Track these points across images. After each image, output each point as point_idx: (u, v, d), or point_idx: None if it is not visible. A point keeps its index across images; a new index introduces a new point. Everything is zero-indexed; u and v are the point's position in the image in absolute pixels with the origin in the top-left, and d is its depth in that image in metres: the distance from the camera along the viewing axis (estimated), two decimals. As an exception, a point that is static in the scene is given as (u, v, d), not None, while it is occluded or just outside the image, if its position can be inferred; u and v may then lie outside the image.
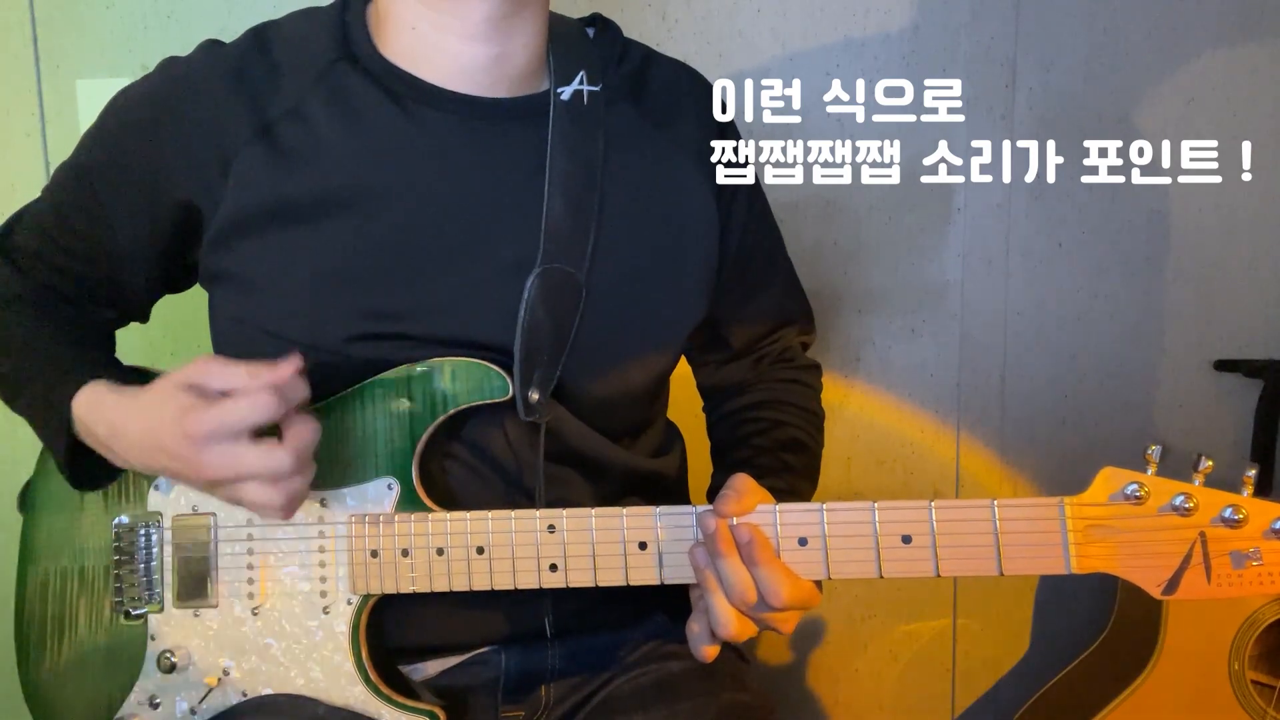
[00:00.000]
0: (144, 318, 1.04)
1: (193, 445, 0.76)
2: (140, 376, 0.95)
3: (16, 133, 1.59)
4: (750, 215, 1.07)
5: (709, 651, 0.84)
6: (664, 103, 1.01)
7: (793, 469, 1.03)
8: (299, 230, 0.89)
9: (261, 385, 0.76)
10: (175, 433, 0.77)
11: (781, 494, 0.84)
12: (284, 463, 0.77)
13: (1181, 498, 0.76)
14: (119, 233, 0.93)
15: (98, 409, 0.86)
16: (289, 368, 0.77)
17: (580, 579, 0.86)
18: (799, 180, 1.69)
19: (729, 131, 1.06)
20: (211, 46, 0.93)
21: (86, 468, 0.90)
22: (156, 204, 0.91)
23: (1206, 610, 1.51)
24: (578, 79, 0.96)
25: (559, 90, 0.95)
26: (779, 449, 1.04)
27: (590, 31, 1.01)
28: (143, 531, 0.92)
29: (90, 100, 1.55)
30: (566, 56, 0.96)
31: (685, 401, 1.18)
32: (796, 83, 1.68)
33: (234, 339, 0.95)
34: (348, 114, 0.90)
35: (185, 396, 0.77)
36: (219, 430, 0.76)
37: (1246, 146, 1.71)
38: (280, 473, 0.77)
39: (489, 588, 0.87)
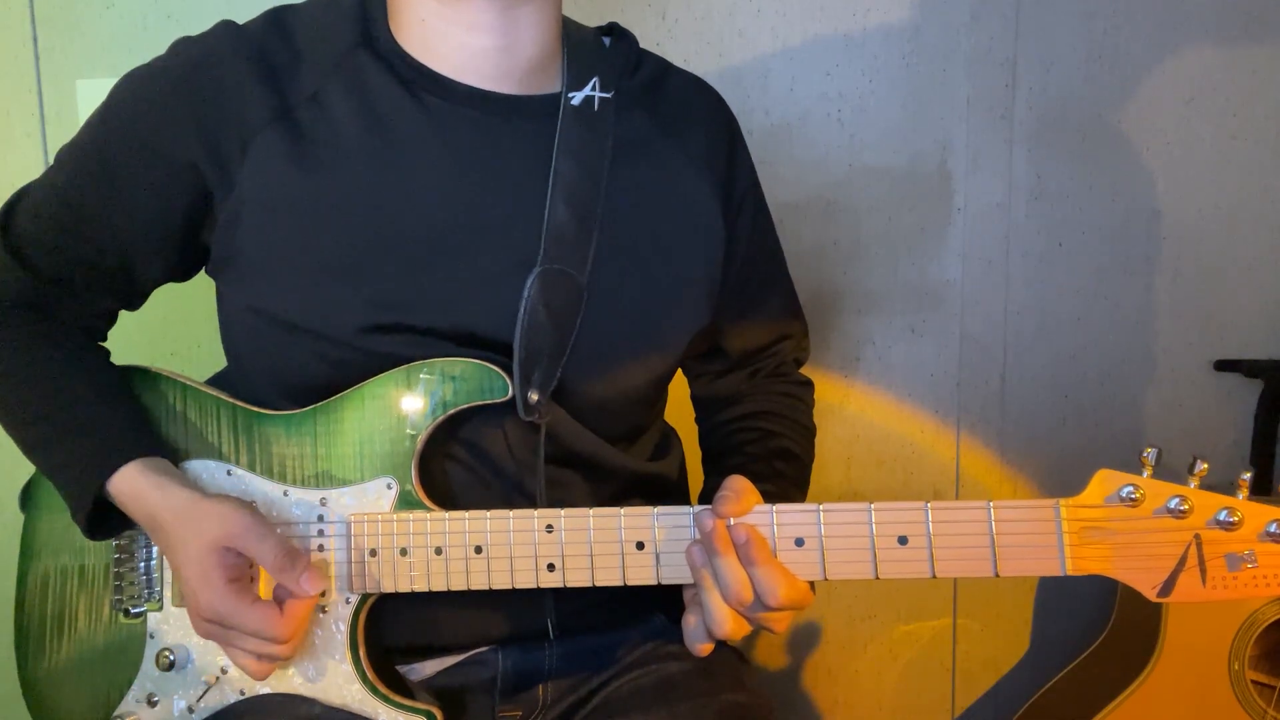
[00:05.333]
0: (136, 306, 1.02)
1: (196, 610, 0.84)
2: (138, 377, 0.97)
3: (16, 133, 1.59)
4: (755, 229, 1.08)
5: (704, 648, 0.85)
6: (676, 113, 1.02)
7: (785, 476, 1.04)
8: (314, 216, 0.89)
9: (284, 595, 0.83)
10: (191, 584, 0.84)
11: (773, 499, 0.84)
12: (275, 655, 0.84)
13: (1177, 500, 0.77)
14: (133, 211, 0.91)
15: (140, 500, 0.88)
16: (315, 585, 0.83)
17: (578, 579, 0.86)
18: (799, 180, 1.70)
19: (739, 146, 1.06)
20: (229, 26, 0.92)
21: (104, 524, 0.91)
22: (171, 178, 0.90)
23: (1206, 611, 1.51)
24: (590, 85, 0.96)
25: (570, 95, 0.95)
26: (772, 457, 1.05)
27: (606, 41, 1.02)
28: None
29: (90, 100, 1.55)
30: (581, 62, 0.97)
31: (683, 403, 1.18)
32: (796, 83, 1.69)
33: (244, 331, 0.95)
34: (365, 103, 0.90)
35: (214, 562, 0.83)
36: (222, 621, 0.83)
37: (1246, 146, 1.72)
38: (270, 658, 0.85)
39: (487, 587, 0.87)
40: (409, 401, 0.89)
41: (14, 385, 0.93)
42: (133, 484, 0.87)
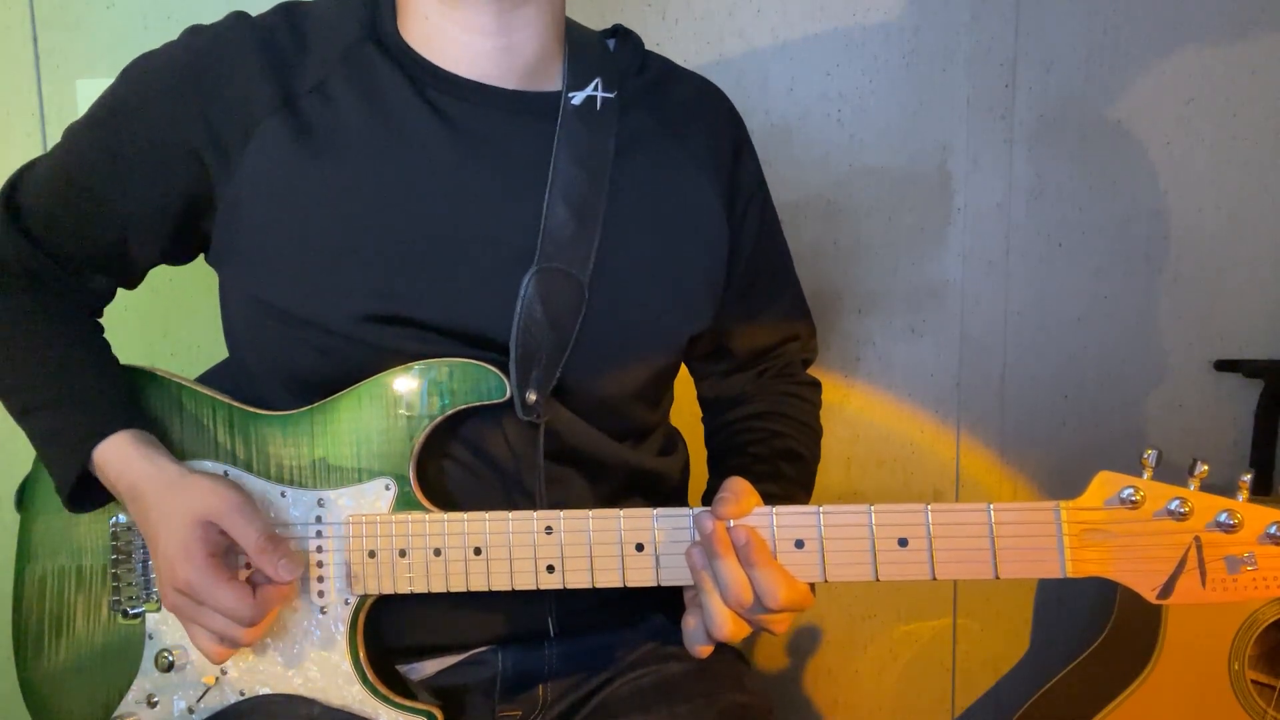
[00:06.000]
0: (134, 284, 1.03)
1: (170, 580, 0.84)
2: (137, 377, 0.97)
3: (16, 133, 1.59)
4: (761, 230, 1.08)
5: (704, 650, 0.85)
6: (681, 114, 1.02)
7: (788, 477, 1.03)
8: (314, 205, 0.89)
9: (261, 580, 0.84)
10: (168, 555, 0.84)
11: (776, 500, 0.84)
12: (238, 639, 0.84)
13: (1177, 502, 0.76)
14: (133, 192, 0.92)
15: (126, 468, 0.88)
16: (290, 572, 0.83)
17: (577, 580, 0.86)
18: (799, 180, 1.70)
19: (744, 146, 1.06)
20: (240, 17, 0.93)
21: (88, 494, 0.92)
22: (172, 164, 0.90)
23: (1206, 611, 1.51)
24: (592, 85, 0.96)
25: (570, 95, 0.95)
26: (776, 458, 1.05)
27: (611, 44, 1.02)
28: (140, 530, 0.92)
29: (90, 100, 1.55)
30: (582, 63, 0.97)
31: (686, 403, 1.18)
32: (796, 83, 1.69)
33: (244, 322, 0.96)
34: (369, 95, 0.91)
35: (197, 535, 0.83)
36: (194, 593, 0.83)
37: (1246, 146, 1.71)
38: (232, 641, 0.85)
39: (486, 589, 0.87)
40: (407, 401, 0.89)
41: (10, 351, 0.94)
42: (120, 452, 0.88)
